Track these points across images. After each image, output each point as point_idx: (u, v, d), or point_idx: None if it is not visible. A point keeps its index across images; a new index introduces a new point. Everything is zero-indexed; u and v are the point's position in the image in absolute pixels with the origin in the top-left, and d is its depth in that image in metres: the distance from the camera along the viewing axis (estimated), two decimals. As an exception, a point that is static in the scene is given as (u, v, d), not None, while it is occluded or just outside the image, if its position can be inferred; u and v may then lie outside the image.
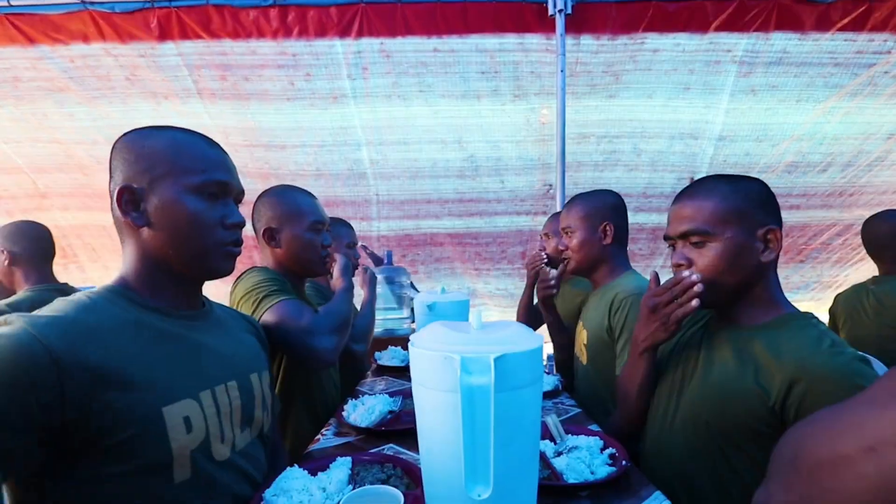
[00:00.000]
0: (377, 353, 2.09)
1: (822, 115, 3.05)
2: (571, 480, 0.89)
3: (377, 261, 2.71)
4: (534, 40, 2.66)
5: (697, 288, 0.94)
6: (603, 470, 0.93)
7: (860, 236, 2.23)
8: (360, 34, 2.61)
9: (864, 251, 2.19)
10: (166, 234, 0.80)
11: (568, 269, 1.67)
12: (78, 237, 3.72)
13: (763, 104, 3.00)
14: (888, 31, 2.70)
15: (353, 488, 0.83)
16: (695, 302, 0.94)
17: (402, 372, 1.91)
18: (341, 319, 1.34)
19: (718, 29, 2.66)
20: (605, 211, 1.61)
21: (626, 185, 3.38)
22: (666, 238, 1.07)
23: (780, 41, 2.74)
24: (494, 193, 3.42)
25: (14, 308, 1.78)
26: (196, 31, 2.60)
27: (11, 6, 2.61)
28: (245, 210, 1.05)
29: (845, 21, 2.67)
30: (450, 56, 2.77)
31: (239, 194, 0.91)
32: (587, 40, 2.67)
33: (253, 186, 3.26)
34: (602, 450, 1.03)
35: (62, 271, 3.78)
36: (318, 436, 1.23)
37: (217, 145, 0.90)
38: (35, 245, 1.97)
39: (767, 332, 0.95)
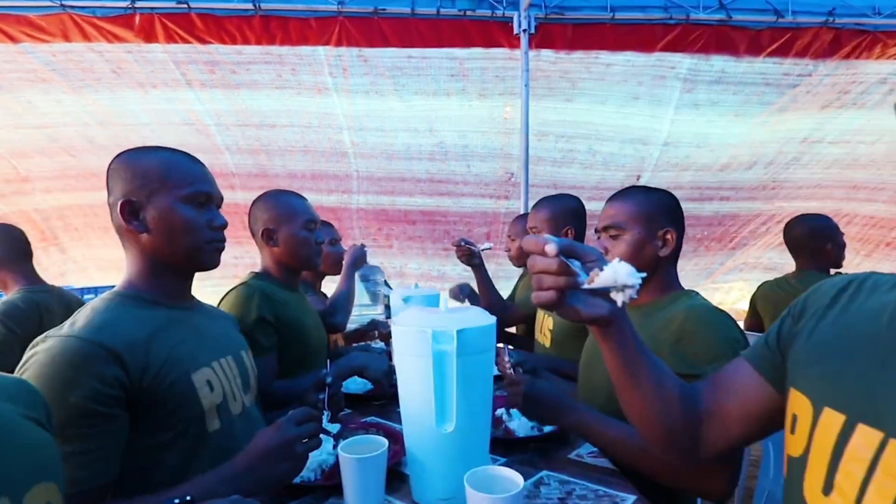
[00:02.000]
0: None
1: (756, 128, 3.45)
2: (521, 435, 1.11)
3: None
4: (499, 51, 2.92)
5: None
6: (547, 428, 1.14)
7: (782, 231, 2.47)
8: (339, 44, 2.80)
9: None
10: (164, 238, 0.92)
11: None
12: (60, 218, 3.82)
13: (705, 117, 3.37)
14: (809, 56, 3.09)
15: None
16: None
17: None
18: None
19: (664, 49, 2.98)
20: (568, 216, 1.85)
21: (581, 179, 3.74)
22: (595, 230, 1.26)
23: (719, 62, 3.09)
24: (461, 176, 3.73)
25: (10, 306, 1.86)
26: (181, 35, 2.73)
27: (-12, 9, 2.68)
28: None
29: (773, 47, 3.03)
30: (423, 62, 3.01)
31: (220, 200, 1.02)
32: (547, 53, 2.95)
33: (244, 161, 3.58)
34: None
35: (42, 254, 3.86)
36: None
37: (199, 161, 1.01)
38: (13, 246, 2.00)
39: (660, 307, 1.11)
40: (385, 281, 2.82)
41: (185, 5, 2.68)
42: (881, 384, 0.50)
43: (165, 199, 0.91)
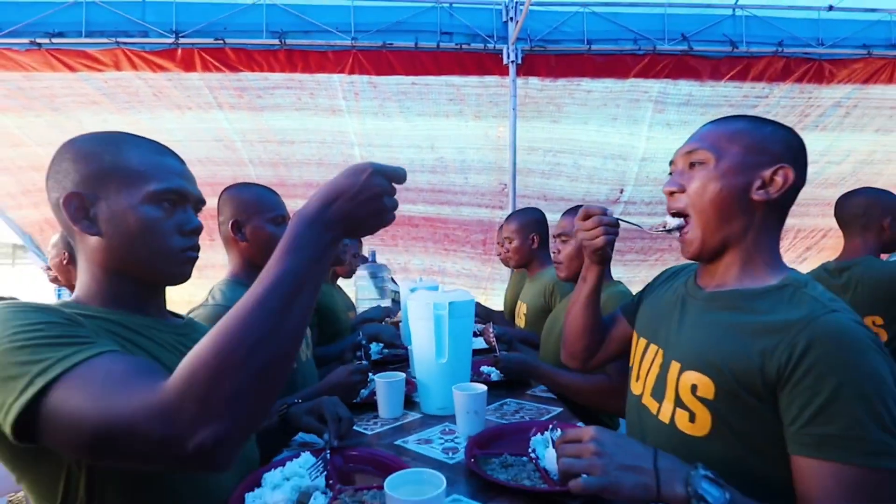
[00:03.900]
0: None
1: (722, 145, 3.87)
2: (494, 379, 1.55)
3: (362, 259, 3.29)
4: (492, 79, 3.36)
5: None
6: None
7: None
8: (352, 72, 3.24)
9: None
10: (256, 246, 1.34)
11: (510, 265, 2.35)
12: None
13: (676, 135, 3.79)
14: (764, 81, 3.52)
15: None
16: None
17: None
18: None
19: (637, 76, 3.42)
20: (533, 225, 2.28)
21: (569, 192, 4.15)
22: (552, 236, 1.77)
23: (686, 87, 3.52)
24: (460, 187, 4.15)
25: None
26: (216, 65, 3.17)
27: (53, 43, 3.12)
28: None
29: (732, 73, 3.47)
30: (424, 88, 3.45)
31: (289, 218, 1.46)
32: (534, 81, 3.39)
33: (265, 173, 4.04)
34: None
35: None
36: None
37: (277, 193, 1.43)
38: None
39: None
40: (391, 278, 3.24)
41: (222, 41, 3.12)
42: (662, 325, 0.93)
43: (258, 220, 1.34)
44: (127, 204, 0.72)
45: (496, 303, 3.83)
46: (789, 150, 0.84)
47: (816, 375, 0.67)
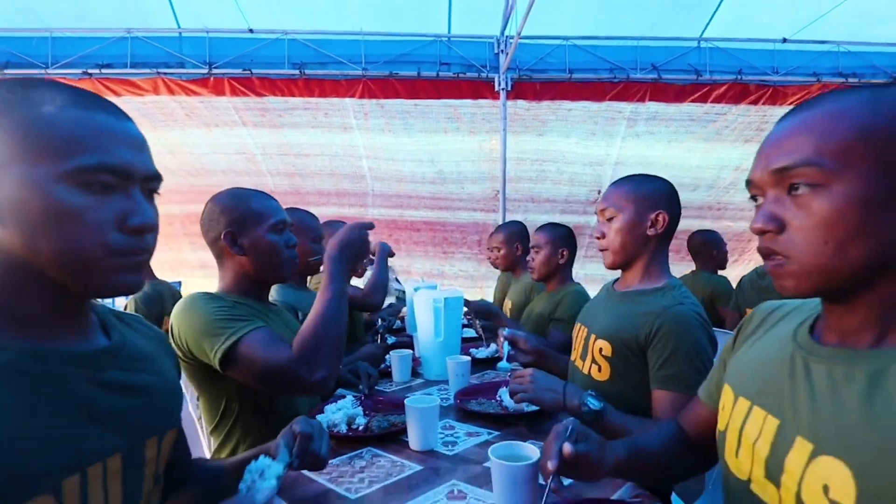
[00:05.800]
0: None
1: (686, 152, 4.34)
2: (480, 357, 2.02)
3: (370, 261, 3.77)
4: (485, 102, 3.82)
5: None
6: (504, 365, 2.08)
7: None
8: (362, 96, 3.71)
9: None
10: (300, 261, 1.86)
11: (498, 269, 2.84)
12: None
13: (644, 143, 4.26)
14: (723, 102, 3.98)
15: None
16: None
17: None
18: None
19: (612, 99, 3.87)
20: (516, 236, 2.73)
21: (553, 193, 4.62)
22: (530, 247, 2.21)
23: (654, 106, 3.98)
24: (457, 195, 4.62)
25: (145, 295, 2.74)
26: (244, 91, 3.63)
27: (102, 73, 3.58)
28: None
29: (695, 96, 3.92)
30: (426, 108, 3.91)
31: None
32: (522, 103, 3.85)
33: (281, 182, 4.54)
34: None
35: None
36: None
37: (316, 217, 1.99)
38: None
39: (556, 292, 2.09)
40: (396, 278, 3.70)
41: (249, 71, 3.57)
42: (591, 314, 1.39)
43: (304, 241, 1.78)
44: (259, 234, 1.20)
45: (489, 299, 4.29)
46: (663, 198, 1.29)
47: (664, 342, 1.13)
